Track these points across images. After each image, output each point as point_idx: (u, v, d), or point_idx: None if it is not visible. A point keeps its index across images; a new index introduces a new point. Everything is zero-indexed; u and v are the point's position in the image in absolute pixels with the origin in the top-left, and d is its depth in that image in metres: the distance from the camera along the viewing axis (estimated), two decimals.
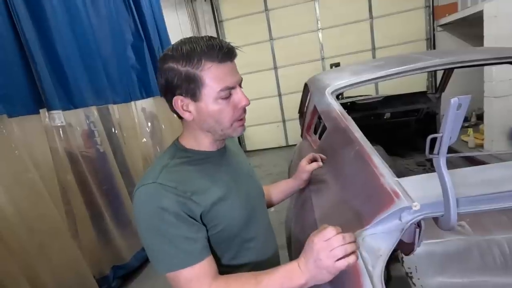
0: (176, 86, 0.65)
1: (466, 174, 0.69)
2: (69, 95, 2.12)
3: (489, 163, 0.76)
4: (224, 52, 0.63)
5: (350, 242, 0.57)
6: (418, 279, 1.06)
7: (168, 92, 0.67)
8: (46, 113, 1.96)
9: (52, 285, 1.76)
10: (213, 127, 0.69)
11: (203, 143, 0.73)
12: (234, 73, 0.67)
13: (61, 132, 2.05)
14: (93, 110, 2.31)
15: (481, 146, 3.96)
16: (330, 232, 0.57)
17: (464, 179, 0.67)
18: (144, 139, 3.13)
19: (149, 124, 3.28)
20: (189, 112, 0.68)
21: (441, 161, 0.58)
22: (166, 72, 0.65)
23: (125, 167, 2.64)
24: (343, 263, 0.55)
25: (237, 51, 0.68)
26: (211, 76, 0.63)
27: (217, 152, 0.76)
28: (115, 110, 2.63)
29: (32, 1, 1.89)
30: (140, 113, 3.12)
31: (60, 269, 1.83)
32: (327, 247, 0.56)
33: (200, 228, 0.66)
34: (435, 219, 0.65)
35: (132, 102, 2.93)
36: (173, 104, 0.67)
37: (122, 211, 2.49)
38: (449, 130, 0.55)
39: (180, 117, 0.71)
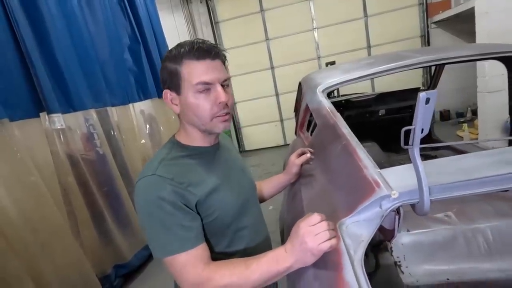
0: (165, 81, 0.75)
1: (442, 163, 0.74)
2: (68, 99, 2.16)
3: None
4: (202, 50, 0.70)
5: (332, 229, 0.63)
6: (406, 267, 1.11)
7: (162, 87, 0.76)
8: (46, 117, 2.01)
9: (56, 284, 1.80)
10: (194, 121, 0.75)
11: (195, 137, 0.78)
12: (213, 70, 0.72)
13: (61, 135, 2.09)
14: (92, 113, 2.35)
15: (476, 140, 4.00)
16: (315, 218, 0.63)
17: (441, 168, 0.72)
18: (143, 141, 3.17)
19: (148, 126, 3.32)
20: (176, 105, 0.75)
21: (415, 151, 0.63)
22: (161, 70, 0.75)
23: (124, 168, 2.68)
24: (326, 245, 0.60)
25: (227, 52, 0.75)
26: (188, 71, 0.71)
27: (210, 147, 0.81)
28: (114, 112, 2.67)
29: (30, 8, 1.94)
30: (138, 115, 3.16)
31: (63, 269, 1.88)
32: (312, 232, 0.61)
33: (195, 217, 0.71)
34: (413, 206, 0.70)
35: (130, 105, 2.97)
36: (164, 97, 0.76)
37: (122, 211, 2.53)
38: (420, 123, 0.59)
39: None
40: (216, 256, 0.73)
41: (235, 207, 0.78)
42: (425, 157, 2.58)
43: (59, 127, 2.06)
